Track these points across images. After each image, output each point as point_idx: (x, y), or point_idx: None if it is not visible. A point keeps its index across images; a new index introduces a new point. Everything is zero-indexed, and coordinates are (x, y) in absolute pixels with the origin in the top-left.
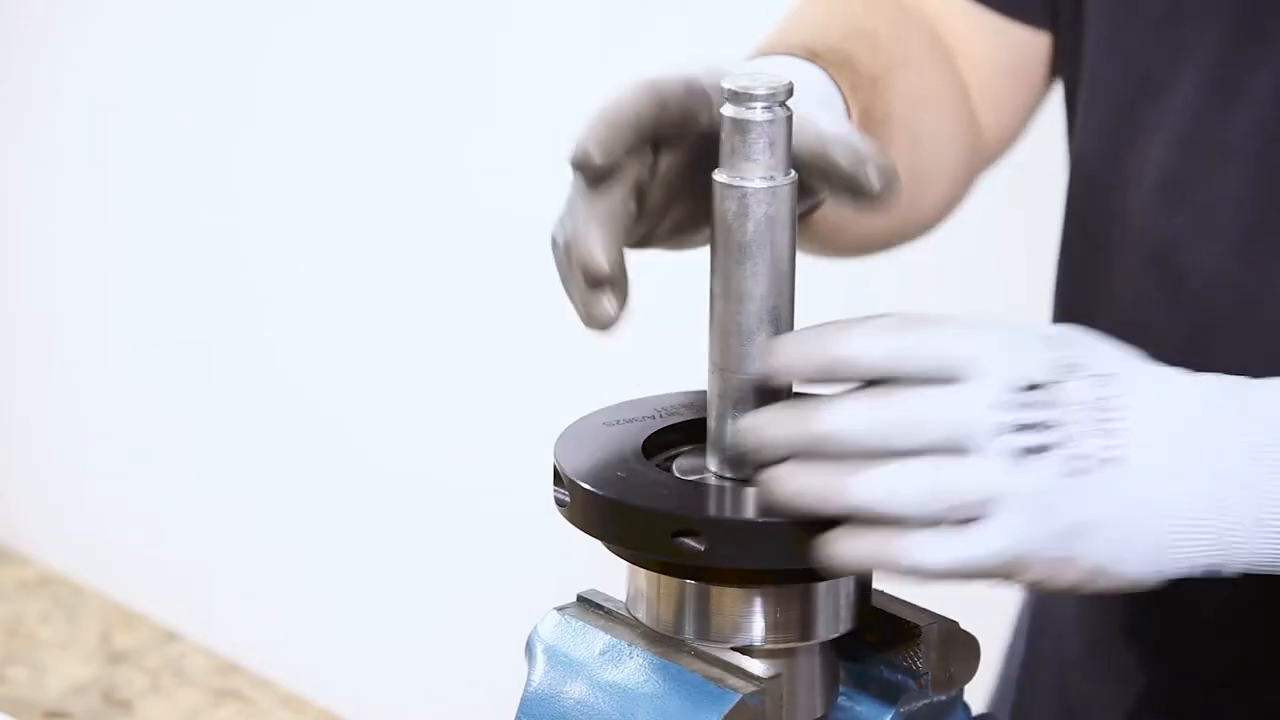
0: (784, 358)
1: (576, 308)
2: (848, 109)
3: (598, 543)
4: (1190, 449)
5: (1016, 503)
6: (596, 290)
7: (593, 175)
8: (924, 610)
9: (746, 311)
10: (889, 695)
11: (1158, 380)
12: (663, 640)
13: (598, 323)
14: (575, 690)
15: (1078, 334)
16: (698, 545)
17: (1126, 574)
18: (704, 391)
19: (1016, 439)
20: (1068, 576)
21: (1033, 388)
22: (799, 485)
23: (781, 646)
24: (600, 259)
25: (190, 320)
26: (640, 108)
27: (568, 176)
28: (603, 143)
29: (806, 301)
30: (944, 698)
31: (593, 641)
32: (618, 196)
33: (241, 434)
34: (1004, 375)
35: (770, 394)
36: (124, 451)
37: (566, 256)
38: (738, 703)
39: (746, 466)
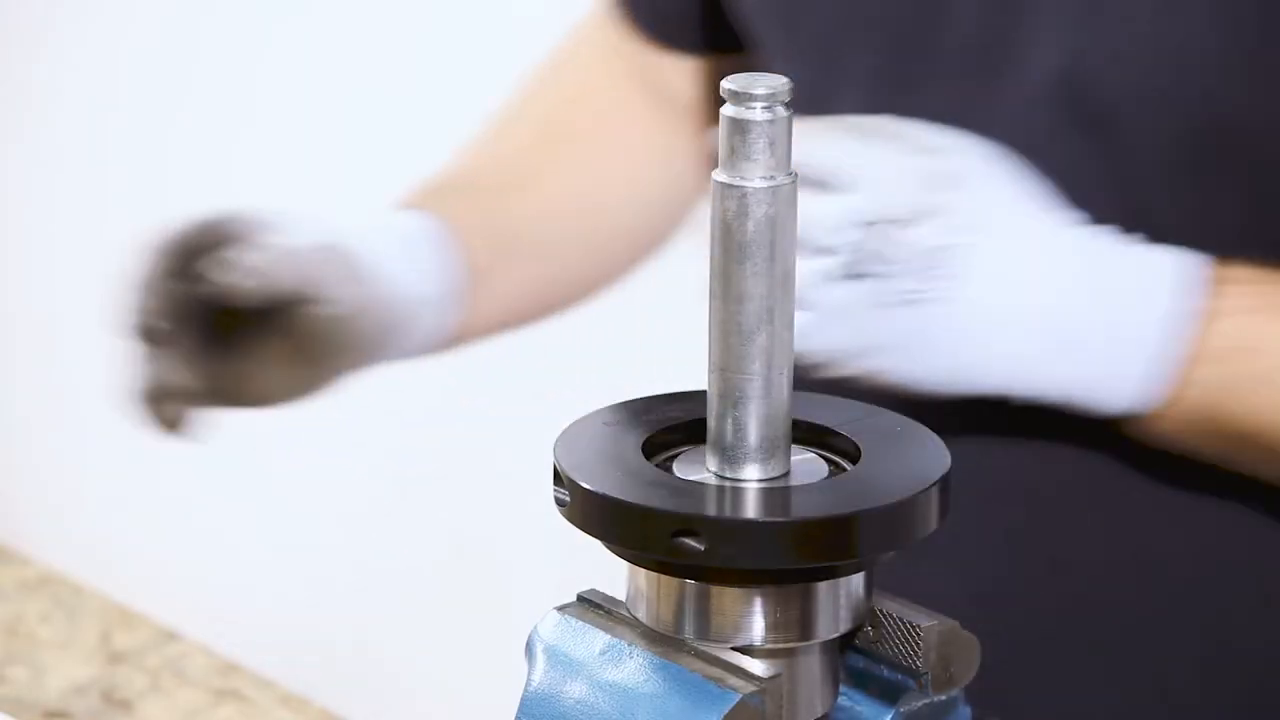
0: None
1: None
2: (452, 240)
3: (598, 543)
4: (1009, 299)
5: (819, 312)
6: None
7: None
8: (924, 610)
9: (746, 311)
10: (889, 695)
11: (1011, 235)
12: (663, 640)
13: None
14: (575, 690)
15: (979, 169)
16: (698, 545)
17: (923, 391)
18: (704, 391)
19: (839, 261)
20: (870, 384)
21: (898, 221)
22: None
23: (782, 646)
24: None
25: None
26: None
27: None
28: (149, 307)
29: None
30: (944, 698)
31: (593, 641)
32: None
33: (242, 434)
34: (861, 202)
35: (774, 391)
36: (124, 451)
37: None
38: (738, 702)
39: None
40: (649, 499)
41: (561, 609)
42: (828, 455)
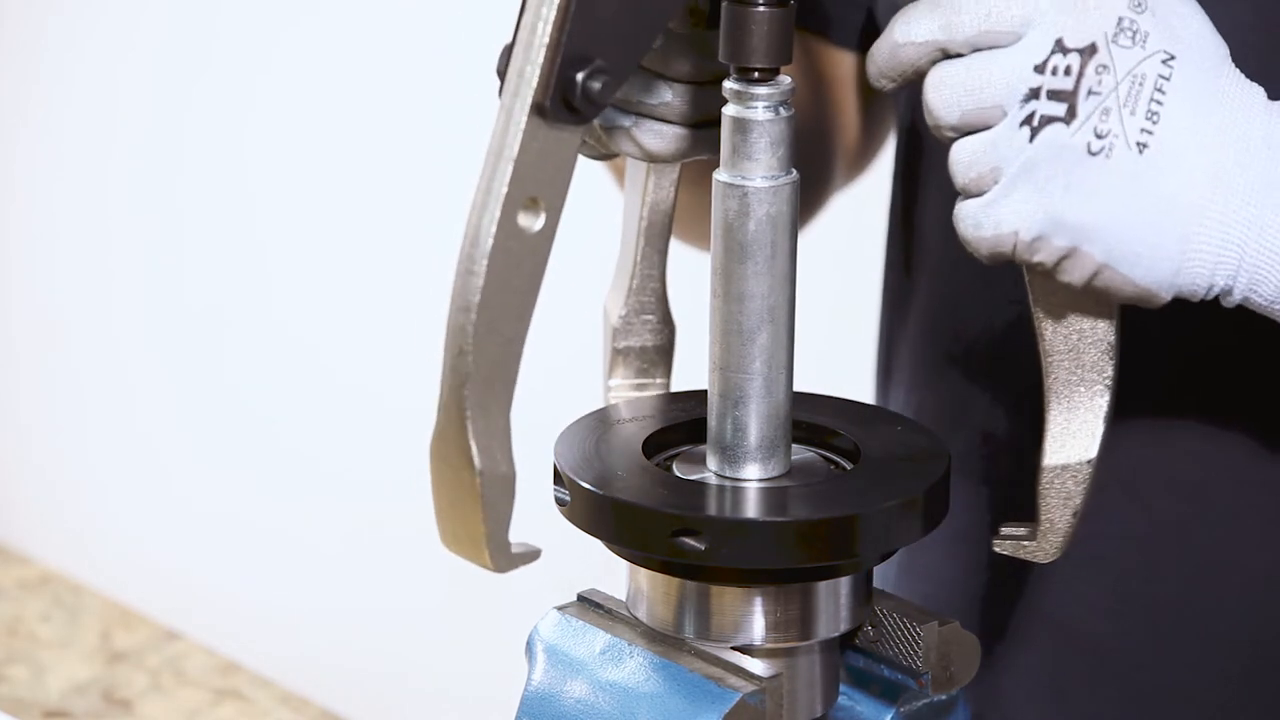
0: (872, 66)
1: None
2: None
3: (598, 542)
4: (1227, 155)
5: (1025, 175)
6: None
7: None
8: (924, 610)
9: (747, 311)
10: (889, 695)
11: (1217, 77)
12: (663, 639)
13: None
14: (575, 689)
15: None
16: (698, 545)
17: (1139, 279)
18: (704, 391)
19: (1041, 105)
20: (1074, 271)
21: (1081, 51)
22: None
23: (781, 646)
24: None
25: (193, 320)
26: None
27: None
28: None
29: (806, 300)
30: (944, 698)
31: (593, 641)
32: None
33: (242, 433)
34: (1048, 34)
35: (774, 390)
36: (125, 451)
37: None
38: (738, 702)
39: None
40: (649, 499)
41: (561, 609)
42: (828, 455)
